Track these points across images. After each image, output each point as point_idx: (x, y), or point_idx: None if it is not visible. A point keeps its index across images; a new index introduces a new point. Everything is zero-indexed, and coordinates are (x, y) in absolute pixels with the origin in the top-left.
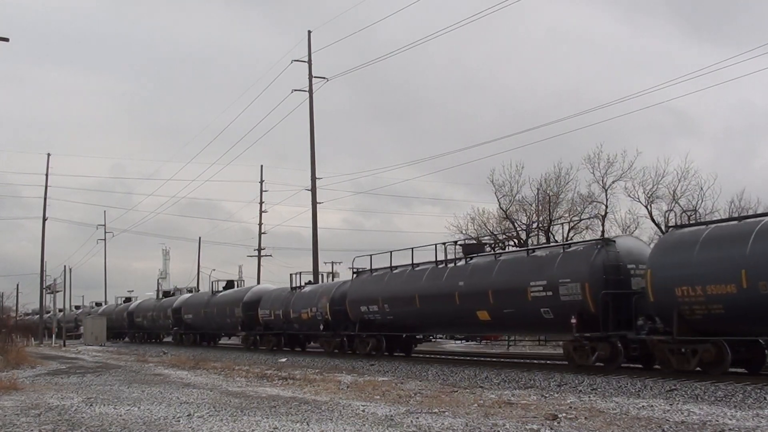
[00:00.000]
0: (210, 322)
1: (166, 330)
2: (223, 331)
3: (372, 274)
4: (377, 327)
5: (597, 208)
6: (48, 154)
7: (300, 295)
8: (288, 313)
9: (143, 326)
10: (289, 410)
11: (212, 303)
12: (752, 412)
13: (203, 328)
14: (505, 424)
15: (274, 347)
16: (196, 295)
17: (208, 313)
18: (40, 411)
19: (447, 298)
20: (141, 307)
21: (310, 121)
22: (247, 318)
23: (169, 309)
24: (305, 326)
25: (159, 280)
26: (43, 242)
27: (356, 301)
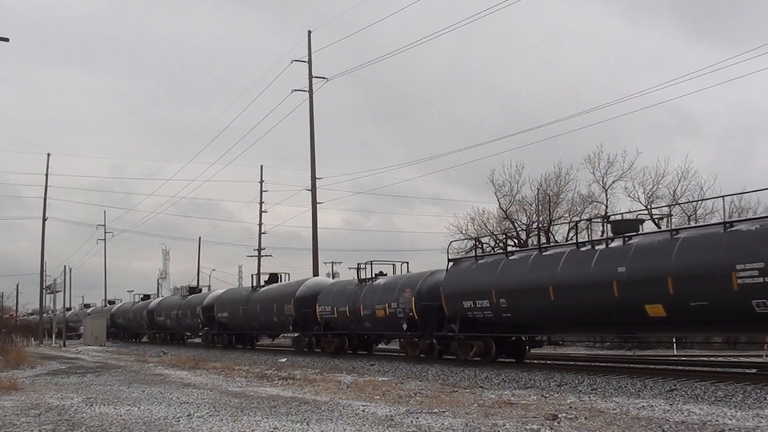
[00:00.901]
0: (250, 321)
1: (193, 330)
2: (269, 332)
3: (477, 261)
4: (485, 326)
5: (597, 208)
6: (48, 154)
7: (372, 288)
8: (357, 309)
9: (166, 326)
10: (289, 410)
11: (254, 299)
12: (752, 412)
13: (241, 328)
14: (505, 424)
15: (335, 350)
16: (233, 290)
17: (248, 311)
18: (40, 411)
19: (598, 289)
20: (164, 305)
21: (310, 121)
22: (301, 316)
23: (198, 307)
24: (380, 325)
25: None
26: (43, 242)
27: (456, 295)
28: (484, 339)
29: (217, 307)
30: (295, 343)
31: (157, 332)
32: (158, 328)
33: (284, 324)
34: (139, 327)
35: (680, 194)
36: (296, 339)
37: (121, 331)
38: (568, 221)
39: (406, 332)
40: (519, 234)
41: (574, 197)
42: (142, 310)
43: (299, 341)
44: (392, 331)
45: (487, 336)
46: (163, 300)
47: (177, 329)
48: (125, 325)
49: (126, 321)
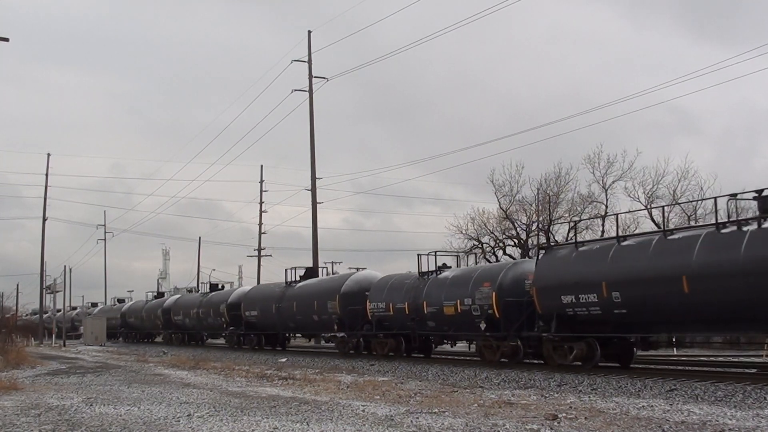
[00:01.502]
0: (285, 320)
1: (216, 330)
2: (308, 332)
3: (578, 248)
4: (587, 325)
5: (597, 208)
6: (48, 154)
7: (437, 282)
8: (419, 306)
9: (184, 326)
10: (289, 410)
11: (290, 296)
12: (752, 412)
13: (274, 328)
14: (505, 424)
15: (389, 352)
16: (263, 286)
17: (282, 309)
18: (40, 411)
19: (752, 277)
20: (181, 303)
21: (310, 121)
22: (347, 314)
23: (222, 305)
24: (449, 324)
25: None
26: (43, 242)
27: (552, 289)
28: (588, 340)
29: (244, 305)
30: (339, 344)
31: (173, 332)
32: (175, 328)
33: (326, 323)
34: (153, 327)
35: (680, 194)
36: (341, 340)
37: (132, 332)
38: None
39: (484, 332)
40: (519, 234)
41: (574, 197)
42: (156, 309)
43: (344, 342)
44: (465, 331)
45: (591, 336)
46: (181, 298)
47: (197, 329)
48: (137, 324)
49: (138, 320)
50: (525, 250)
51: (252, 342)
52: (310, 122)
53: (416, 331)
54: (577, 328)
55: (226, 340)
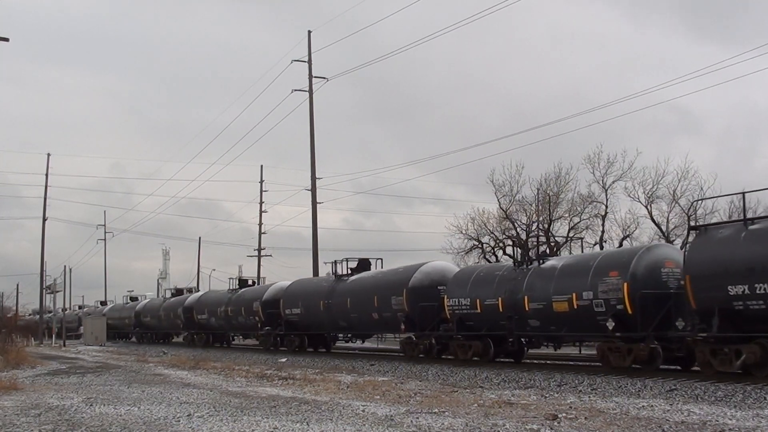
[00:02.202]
0: (335, 318)
1: (248, 330)
2: (366, 331)
3: (748, 227)
4: (759, 323)
5: (597, 208)
6: (48, 154)
7: (543, 272)
8: (518, 302)
9: (209, 325)
10: (289, 410)
11: (342, 291)
12: (752, 412)
13: (321, 327)
14: (505, 424)
15: (474, 357)
16: (305, 282)
17: (332, 305)
18: (40, 411)
19: None
20: (206, 301)
21: (310, 121)
22: (418, 311)
23: (255, 303)
24: (560, 323)
25: (159, 280)
26: (43, 242)
27: (714, 278)
28: (762, 342)
29: (284, 302)
30: (406, 347)
31: (196, 332)
32: (198, 328)
33: (390, 322)
34: (173, 326)
35: (680, 194)
36: (408, 342)
37: (148, 332)
38: None
39: (613, 332)
40: (519, 234)
41: (574, 197)
42: (176, 307)
43: (413, 345)
44: (583, 331)
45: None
46: (206, 295)
47: (224, 329)
48: (154, 324)
49: (155, 320)
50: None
51: (293, 344)
52: (310, 122)
53: (514, 331)
54: (747, 327)
55: (261, 341)
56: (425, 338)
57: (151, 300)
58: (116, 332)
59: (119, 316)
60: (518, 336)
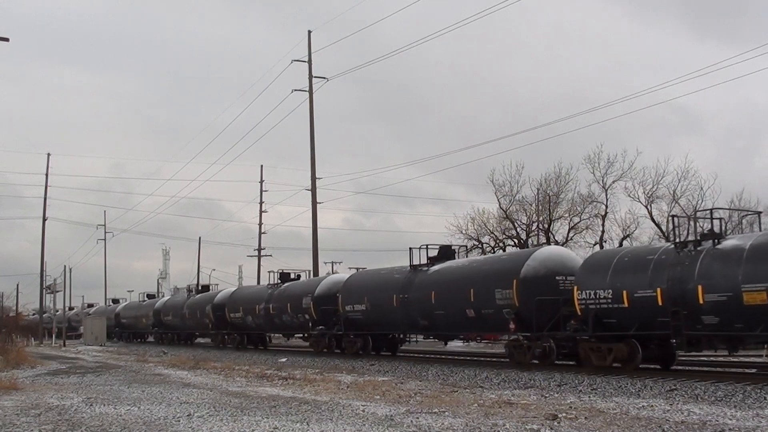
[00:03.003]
0: (412, 316)
1: (295, 330)
2: (453, 331)
3: None
4: None
5: (597, 208)
6: (48, 154)
7: (722, 255)
8: (687, 293)
9: (245, 325)
10: (289, 410)
11: (423, 284)
12: (752, 412)
13: (392, 326)
14: (505, 424)
15: (614, 363)
16: (370, 274)
17: (410, 301)
18: (40, 411)
19: None
20: (239, 298)
21: (310, 121)
22: (531, 306)
23: (305, 299)
24: (752, 319)
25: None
26: (43, 242)
27: None
28: None
29: (344, 298)
30: (513, 350)
31: (227, 333)
32: (231, 328)
33: (490, 319)
34: (200, 326)
35: (680, 194)
36: (515, 344)
37: (168, 332)
38: None
39: (760, 333)
40: (519, 234)
41: (574, 197)
42: (203, 305)
43: (523, 348)
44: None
45: None
46: (238, 291)
47: (263, 329)
48: (176, 324)
49: (178, 319)
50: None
51: (354, 345)
52: (310, 122)
53: (683, 331)
54: None
55: (312, 343)
56: (542, 339)
57: (172, 297)
58: (131, 332)
59: (135, 314)
60: (689, 336)
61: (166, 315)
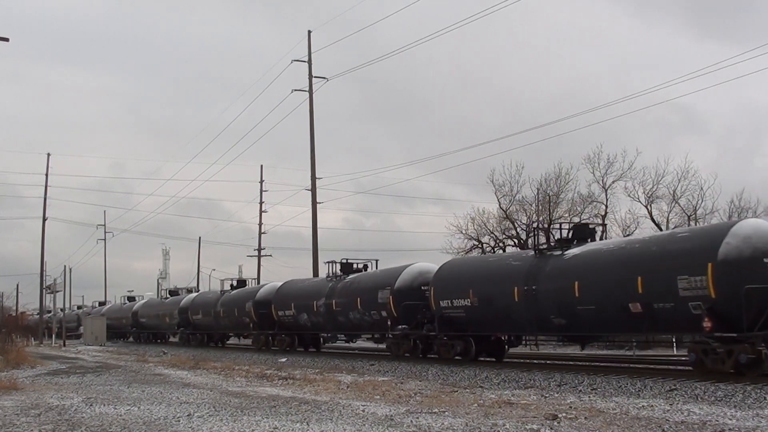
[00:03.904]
0: (542, 312)
1: (364, 330)
2: (612, 331)
3: None
4: None
5: (597, 208)
6: (48, 154)
7: None
8: None
9: (297, 324)
10: (289, 410)
11: (557, 272)
12: (752, 412)
13: (509, 326)
14: (505, 424)
15: None
16: (471, 261)
17: (538, 294)
18: (40, 411)
19: None
20: (288, 294)
21: (310, 121)
22: (737, 295)
23: (381, 292)
24: None
25: (159, 280)
26: (43, 242)
27: None
28: None
29: (438, 292)
30: (702, 356)
31: (275, 333)
32: (278, 327)
33: (667, 316)
34: (237, 325)
35: (680, 194)
36: (703, 347)
37: (197, 332)
38: None
39: None
40: (519, 234)
41: (574, 197)
42: (242, 302)
43: (719, 354)
44: None
45: None
46: (287, 285)
47: (321, 328)
48: (207, 323)
49: (210, 318)
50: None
51: (452, 350)
52: (310, 122)
53: None
54: None
55: (390, 345)
56: (754, 342)
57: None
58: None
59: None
60: None
61: (195, 313)
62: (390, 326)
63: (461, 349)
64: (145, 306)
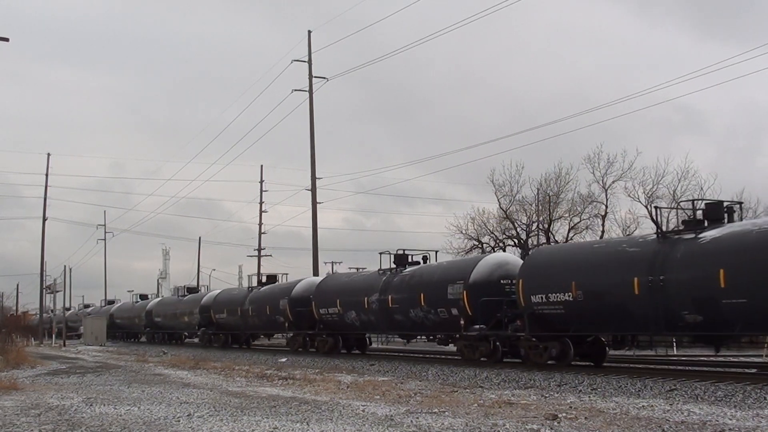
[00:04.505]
0: (668, 307)
1: (425, 329)
2: (756, 330)
3: None
4: None
5: (597, 208)
6: (48, 154)
7: None
8: None
9: (344, 324)
10: (289, 410)
11: (685, 259)
12: (752, 412)
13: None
14: (505, 424)
15: None
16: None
17: (666, 285)
18: (40, 411)
19: None
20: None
21: (310, 121)
22: None
23: (451, 287)
24: None
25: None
26: (43, 242)
27: None
28: None
29: (528, 285)
30: None
31: (315, 334)
32: (321, 327)
33: None
34: (268, 325)
35: (680, 194)
36: None
37: (221, 332)
38: None
39: None
40: (519, 234)
41: (574, 197)
42: (275, 299)
43: None
44: None
45: None
46: (330, 279)
47: (374, 328)
48: (233, 323)
49: (237, 317)
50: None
51: (544, 352)
52: (310, 122)
53: None
54: None
55: (462, 347)
56: None
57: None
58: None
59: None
60: None
61: (219, 312)
62: (463, 326)
63: (558, 351)
64: (161, 304)
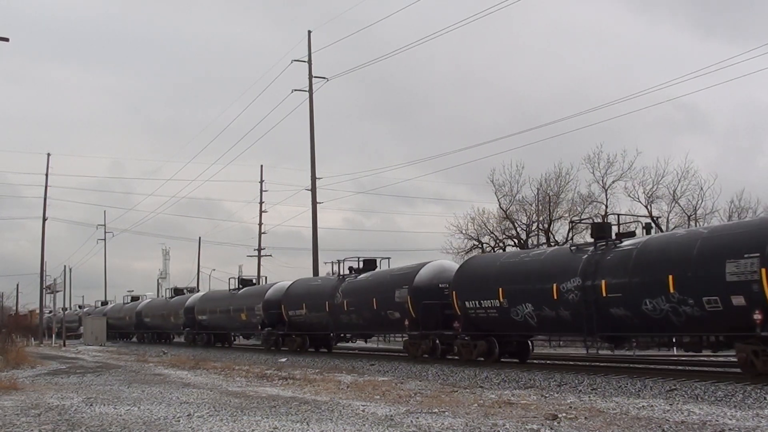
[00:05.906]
0: None
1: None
2: None
3: None
4: None
5: (597, 208)
6: (48, 154)
7: None
8: None
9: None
10: (289, 410)
11: None
12: (752, 412)
13: None
14: (505, 424)
15: None
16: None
17: None
18: (40, 411)
19: None
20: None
21: (310, 121)
22: None
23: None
24: None
25: (159, 280)
26: (43, 242)
27: None
28: None
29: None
30: None
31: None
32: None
33: None
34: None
35: (680, 194)
36: None
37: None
38: None
39: None
40: (519, 234)
41: (574, 197)
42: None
43: None
44: None
45: None
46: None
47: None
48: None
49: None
50: None
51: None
52: (310, 122)
53: None
54: None
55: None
56: None
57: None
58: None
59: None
60: None
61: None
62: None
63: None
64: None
